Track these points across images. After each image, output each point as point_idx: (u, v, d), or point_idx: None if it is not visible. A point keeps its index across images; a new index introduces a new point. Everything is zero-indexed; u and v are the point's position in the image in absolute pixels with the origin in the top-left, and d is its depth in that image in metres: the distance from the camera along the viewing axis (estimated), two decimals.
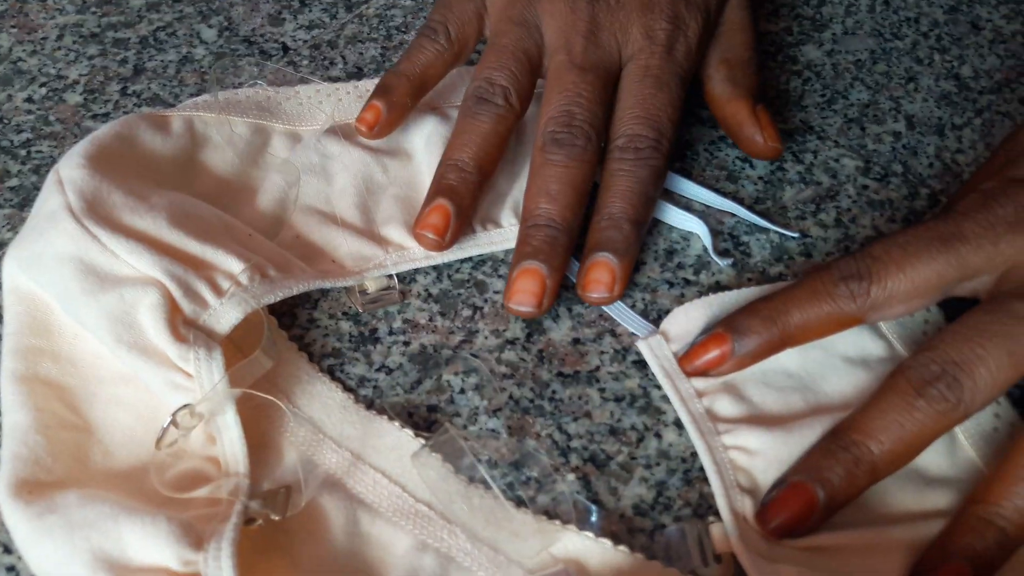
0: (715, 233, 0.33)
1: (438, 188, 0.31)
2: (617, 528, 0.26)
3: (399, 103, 0.33)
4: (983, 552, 0.24)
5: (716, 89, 0.34)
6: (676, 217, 0.33)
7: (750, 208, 0.34)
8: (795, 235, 0.33)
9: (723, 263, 0.32)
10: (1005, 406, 0.29)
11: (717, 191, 0.34)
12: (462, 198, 0.31)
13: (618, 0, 0.33)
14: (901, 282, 0.26)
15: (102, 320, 0.26)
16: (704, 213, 0.34)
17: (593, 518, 0.26)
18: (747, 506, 0.25)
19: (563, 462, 0.27)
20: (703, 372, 0.28)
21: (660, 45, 0.32)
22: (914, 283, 0.26)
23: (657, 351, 0.29)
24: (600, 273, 0.30)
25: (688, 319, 0.30)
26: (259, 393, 0.25)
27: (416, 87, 0.33)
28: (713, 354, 0.27)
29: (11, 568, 0.25)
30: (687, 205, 0.34)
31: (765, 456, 0.26)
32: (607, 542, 0.25)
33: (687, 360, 0.28)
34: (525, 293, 0.29)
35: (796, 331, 0.27)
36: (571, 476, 0.27)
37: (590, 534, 0.25)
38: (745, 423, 0.27)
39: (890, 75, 0.40)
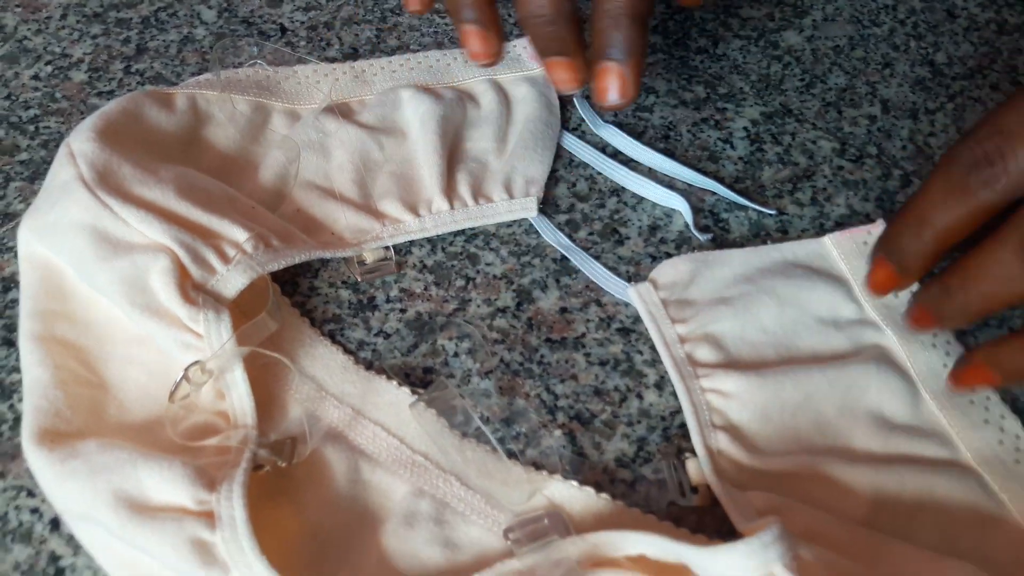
0: (696, 210, 0.35)
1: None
2: (600, 479, 0.28)
3: None
4: None
5: None
6: (659, 194, 0.35)
7: (730, 186, 0.36)
8: (772, 212, 0.35)
9: (703, 238, 0.34)
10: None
11: (699, 171, 0.36)
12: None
13: None
14: None
15: (116, 284, 0.27)
16: (686, 191, 0.36)
17: (571, 466, 0.28)
18: (720, 442, 0.27)
19: (551, 419, 0.29)
20: (885, 291, 0.29)
21: None
22: None
23: (646, 296, 0.31)
24: (609, 79, 0.29)
25: (676, 271, 0.32)
26: (266, 351, 0.27)
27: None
28: (882, 276, 0.28)
29: (35, 510, 0.26)
30: (670, 183, 0.36)
31: (739, 398, 0.28)
32: (590, 490, 0.27)
33: (869, 285, 0.29)
34: (561, 82, 0.29)
35: (944, 236, 0.26)
36: (558, 432, 0.29)
37: (574, 483, 0.27)
38: (722, 368, 0.29)
39: (867, 61, 0.42)
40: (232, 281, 0.28)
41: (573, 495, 0.27)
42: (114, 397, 0.27)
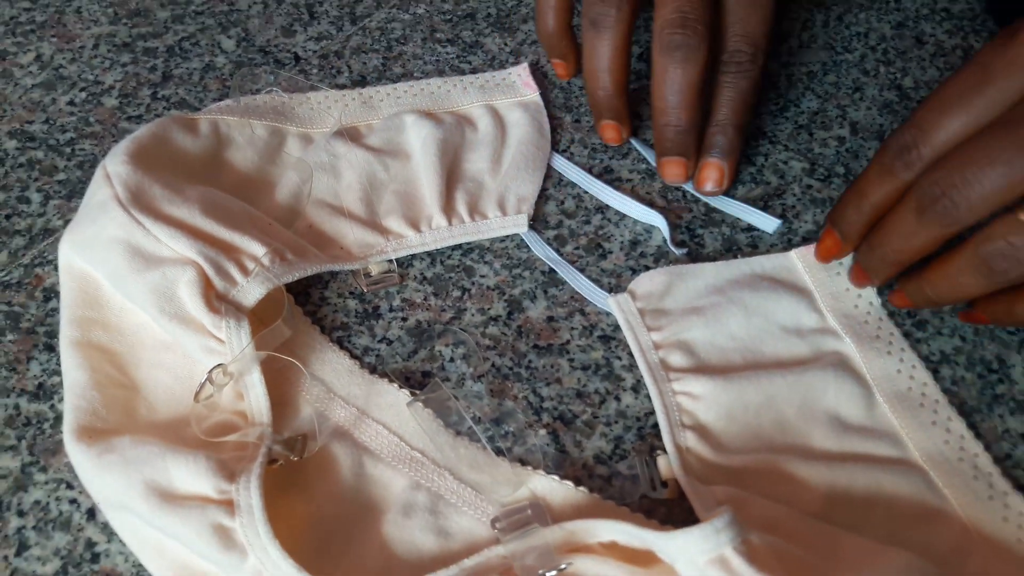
0: (674, 227, 0.38)
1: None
2: (580, 474, 0.31)
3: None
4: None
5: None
6: (640, 212, 0.38)
7: (705, 204, 0.39)
8: (777, 221, 0.38)
9: (679, 252, 0.37)
10: (920, 369, 0.33)
11: (679, 188, 0.39)
12: (615, 112, 0.38)
13: None
14: (947, 136, 0.29)
15: (147, 294, 0.30)
16: (665, 209, 0.39)
17: (552, 462, 0.31)
18: (688, 440, 0.30)
19: (536, 419, 0.32)
20: (831, 257, 0.35)
21: None
22: (961, 132, 0.29)
23: (624, 306, 0.34)
24: (711, 172, 0.37)
25: (652, 282, 0.35)
26: (280, 355, 0.30)
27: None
28: (829, 243, 0.34)
29: (73, 501, 0.30)
30: (650, 201, 0.39)
31: (706, 400, 0.31)
32: (569, 484, 0.30)
33: (817, 254, 0.35)
34: (675, 176, 0.37)
35: (876, 209, 0.32)
36: (543, 431, 0.32)
37: (555, 477, 0.30)
38: (692, 373, 0.32)
39: (839, 85, 0.45)
40: (251, 292, 0.31)
41: (554, 488, 0.30)
42: (144, 397, 0.30)
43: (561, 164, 0.40)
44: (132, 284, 0.30)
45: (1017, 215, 0.28)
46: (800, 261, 0.36)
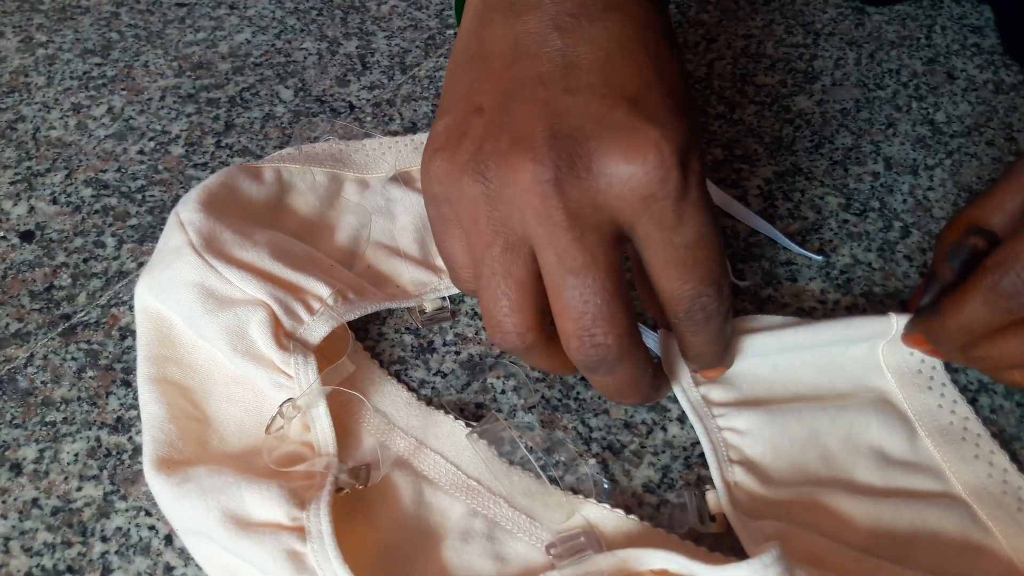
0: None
1: None
2: (629, 502, 0.32)
3: None
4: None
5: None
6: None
7: (746, 239, 0.40)
8: (819, 258, 0.39)
9: (742, 284, 0.38)
10: (961, 403, 0.34)
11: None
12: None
13: (588, 167, 0.26)
14: None
15: (220, 333, 0.32)
16: None
17: (605, 489, 0.32)
18: (736, 475, 0.31)
19: (586, 449, 0.34)
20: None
21: (664, 199, 0.26)
22: None
23: (664, 343, 0.35)
24: (714, 375, 0.34)
25: None
26: (345, 389, 0.32)
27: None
28: (921, 349, 0.34)
29: (152, 527, 0.31)
30: None
31: (752, 434, 0.32)
32: (620, 512, 0.31)
33: (909, 343, 0.34)
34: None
35: (981, 335, 0.30)
36: (592, 460, 0.33)
37: (607, 506, 0.31)
38: (734, 407, 0.33)
39: (872, 121, 0.46)
40: (317, 330, 0.33)
41: (605, 516, 0.31)
42: (215, 430, 0.32)
43: None
44: (206, 324, 0.33)
45: None
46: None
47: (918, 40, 0.50)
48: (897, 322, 0.34)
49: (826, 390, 0.34)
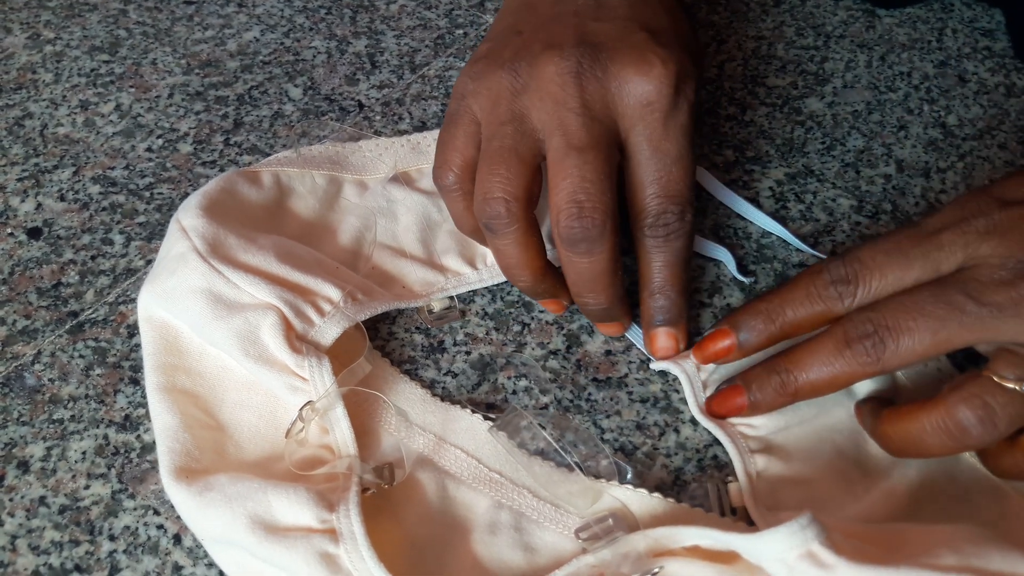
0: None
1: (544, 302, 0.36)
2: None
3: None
4: None
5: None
6: (705, 246, 0.39)
7: (757, 240, 0.40)
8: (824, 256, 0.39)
9: (747, 280, 0.38)
10: (947, 363, 0.34)
11: (729, 227, 0.40)
12: (546, 292, 0.35)
13: (605, 68, 0.32)
14: (883, 285, 0.29)
15: (231, 339, 0.32)
16: (721, 240, 0.40)
17: (628, 476, 0.32)
18: (758, 464, 0.31)
19: None
20: (712, 360, 0.33)
21: (659, 110, 0.32)
22: (894, 286, 0.29)
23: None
24: (663, 341, 0.35)
25: None
26: (364, 389, 0.32)
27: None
28: (721, 345, 0.32)
29: (160, 526, 0.31)
30: (717, 235, 0.40)
31: (765, 425, 0.32)
32: (643, 491, 0.31)
33: (698, 350, 0.33)
34: (614, 334, 0.36)
35: (790, 327, 0.31)
36: (605, 462, 0.33)
37: (629, 486, 0.31)
38: None
39: (883, 124, 0.46)
40: (329, 331, 0.32)
41: (630, 497, 0.31)
42: (230, 437, 0.32)
43: None
44: (216, 330, 0.32)
45: (990, 376, 0.28)
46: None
47: (929, 43, 0.50)
48: None
49: None
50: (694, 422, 0.34)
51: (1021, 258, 0.27)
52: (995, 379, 0.28)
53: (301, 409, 0.30)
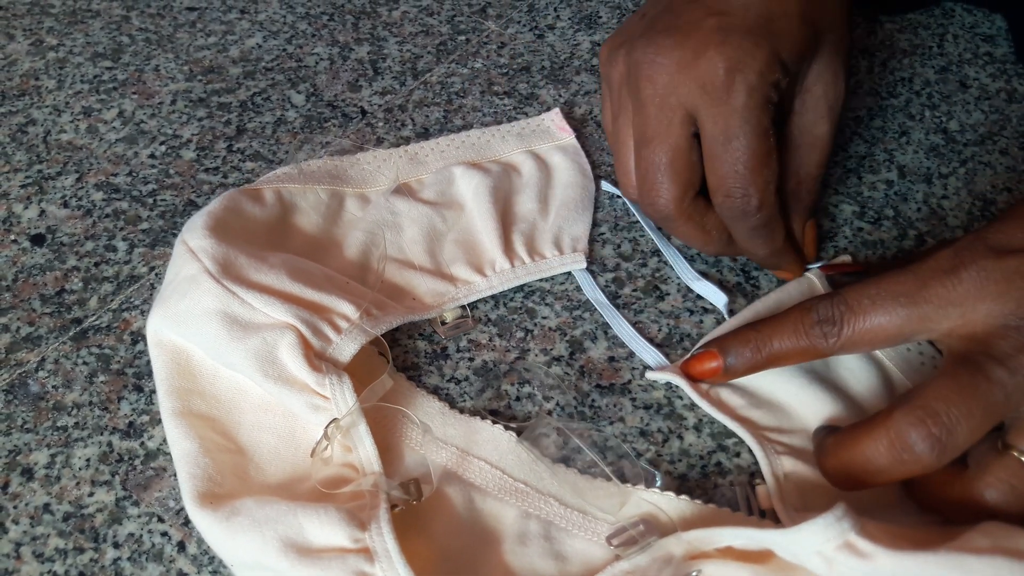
0: (729, 269, 0.39)
1: None
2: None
3: None
4: None
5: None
6: (701, 288, 0.38)
7: None
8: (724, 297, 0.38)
9: (728, 317, 0.38)
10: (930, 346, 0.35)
11: None
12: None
13: (656, 60, 0.35)
14: (868, 331, 0.30)
15: (249, 360, 0.31)
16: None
17: (658, 481, 0.32)
18: (785, 465, 0.31)
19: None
20: (699, 379, 0.34)
21: (710, 94, 0.34)
22: (879, 334, 0.30)
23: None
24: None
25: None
26: (389, 404, 0.31)
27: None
28: (708, 367, 0.33)
29: (164, 533, 0.31)
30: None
31: (793, 429, 0.33)
32: (671, 494, 0.31)
33: (687, 366, 0.34)
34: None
35: (774, 358, 0.32)
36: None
37: (656, 490, 0.31)
38: (752, 409, 0.34)
39: (885, 129, 0.46)
40: (346, 348, 0.32)
41: (657, 500, 0.31)
42: (251, 460, 0.31)
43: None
44: (232, 352, 0.31)
45: (1016, 455, 0.28)
46: (817, 279, 0.37)
47: (930, 49, 0.50)
48: (815, 277, 0.37)
49: (846, 377, 0.35)
50: (697, 429, 0.34)
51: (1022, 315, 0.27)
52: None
53: (326, 427, 0.30)
